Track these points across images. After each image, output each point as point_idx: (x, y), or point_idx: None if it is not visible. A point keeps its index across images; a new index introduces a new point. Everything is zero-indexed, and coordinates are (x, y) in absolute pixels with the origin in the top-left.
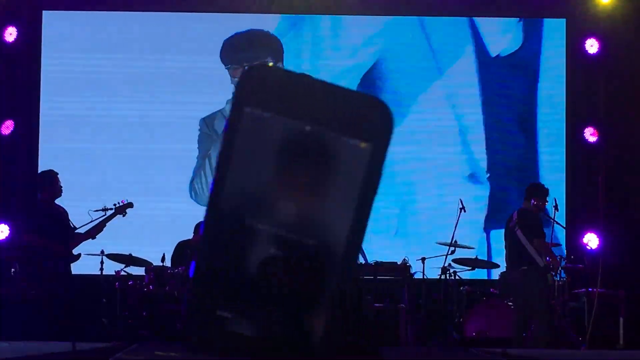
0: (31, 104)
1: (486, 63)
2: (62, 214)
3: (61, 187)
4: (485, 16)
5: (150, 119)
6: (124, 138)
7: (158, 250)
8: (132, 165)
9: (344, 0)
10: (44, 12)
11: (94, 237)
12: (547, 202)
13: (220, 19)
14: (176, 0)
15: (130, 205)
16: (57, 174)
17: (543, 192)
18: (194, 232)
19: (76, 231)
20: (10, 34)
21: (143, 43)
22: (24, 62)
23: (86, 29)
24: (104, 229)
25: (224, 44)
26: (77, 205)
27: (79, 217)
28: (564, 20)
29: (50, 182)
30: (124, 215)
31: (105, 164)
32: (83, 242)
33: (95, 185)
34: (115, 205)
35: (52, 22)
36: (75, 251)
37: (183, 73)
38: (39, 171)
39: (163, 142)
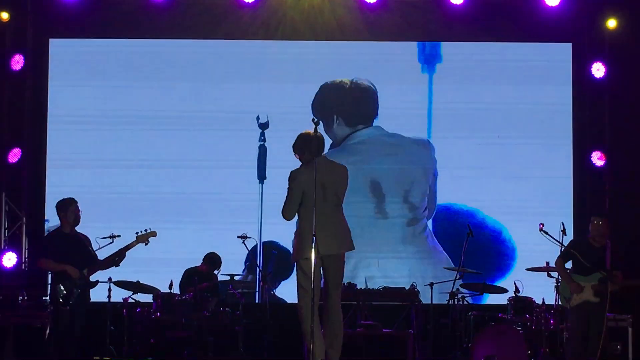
0: (38, 132)
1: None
2: (82, 241)
3: (78, 214)
4: (492, 41)
5: (156, 142)
6: (131, 164)
7: (166, 277)
8: (139, 191)
9: (347, 27)
10: (50, 40)
11: (117, 265)
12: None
13: (224, 45)
14: (182, 28)
15: (153, 234)
16: (74, 201)
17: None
18: (202, 261)
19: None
20: (17, 62)
21: (149, 70)
22: (31, 89)
23: (92, 56)
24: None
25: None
26: (85, 231)
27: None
28: (570, 44)
29: (65, 210)
30: (146, 244)
31: (111, 190)
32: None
33: (103, 212)
34: (137, 233)
35: (59, 49)
36: (92, 278)
37: (188, 98)
38: (46, 198)
39: (171, 167)
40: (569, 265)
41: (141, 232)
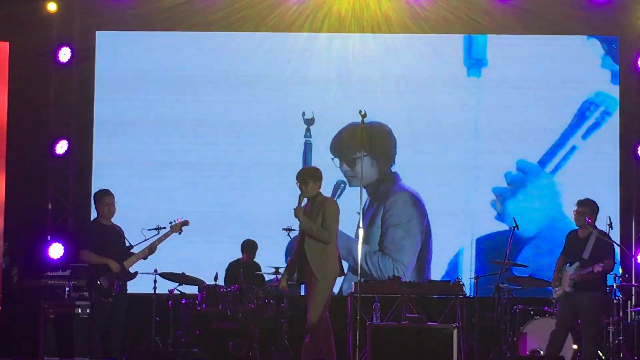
0: (85, 124)
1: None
2: (119, 232)
3: (112, 206)
4: (539, 34)
5: (201, 135)
6: (177, 155)
7: (211, 269)
8: (184, 184)
9: (393, 20)
10: (97, 32)
11: (145, 258)
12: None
13: (273, 38)
14: (228, 22)
15: (186, 223)
16: (108, 193)
17: None
18: (241, 251)
19: (131, 250)
20: (65, 54)
21: (194, 63)
22: (78, 82)
23: (139, 49)
24: (157, 248)
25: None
26: (130, 223)
27: (133, 235)
28: (617, 37)
29: (97, 201)
30: (179, 233)
31: (157, 182)
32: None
33: (147, 204)
34: (170, 223)
35: (106, 42)
36: (132, 269)
37: (233, 92)
38: (92, 190)
39: (216, 161)
40: None
41: (174, 221)
